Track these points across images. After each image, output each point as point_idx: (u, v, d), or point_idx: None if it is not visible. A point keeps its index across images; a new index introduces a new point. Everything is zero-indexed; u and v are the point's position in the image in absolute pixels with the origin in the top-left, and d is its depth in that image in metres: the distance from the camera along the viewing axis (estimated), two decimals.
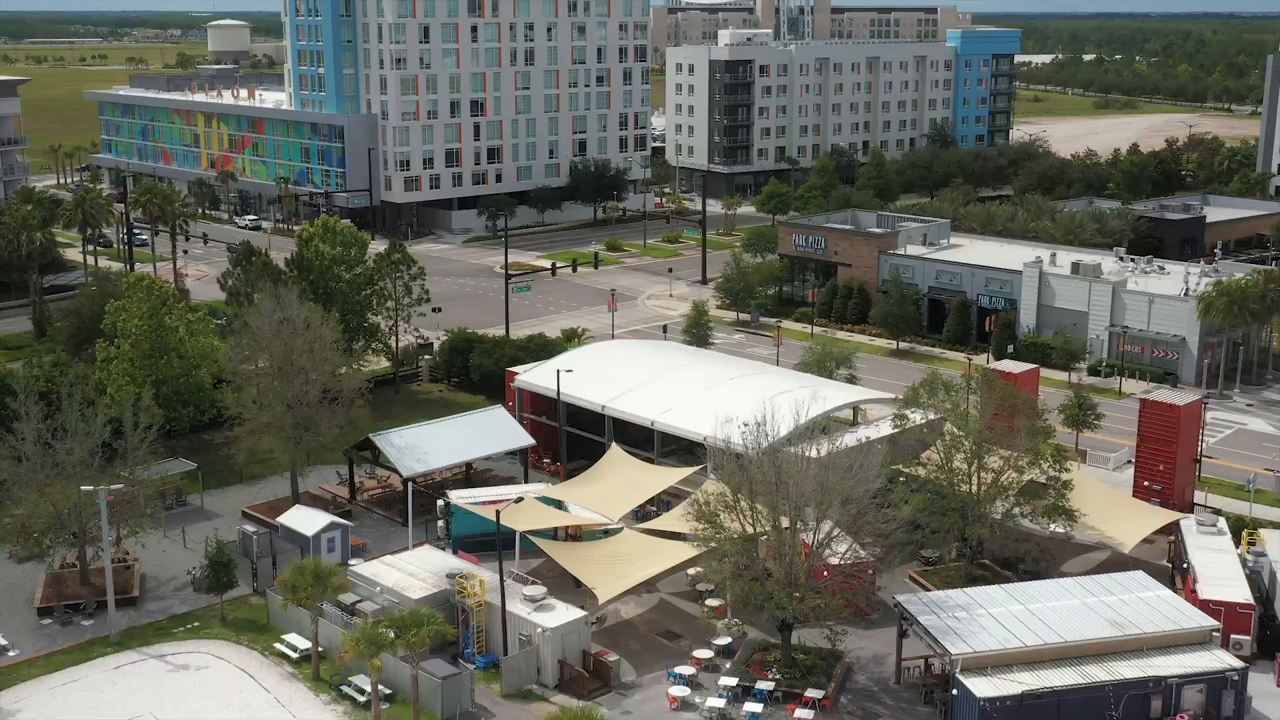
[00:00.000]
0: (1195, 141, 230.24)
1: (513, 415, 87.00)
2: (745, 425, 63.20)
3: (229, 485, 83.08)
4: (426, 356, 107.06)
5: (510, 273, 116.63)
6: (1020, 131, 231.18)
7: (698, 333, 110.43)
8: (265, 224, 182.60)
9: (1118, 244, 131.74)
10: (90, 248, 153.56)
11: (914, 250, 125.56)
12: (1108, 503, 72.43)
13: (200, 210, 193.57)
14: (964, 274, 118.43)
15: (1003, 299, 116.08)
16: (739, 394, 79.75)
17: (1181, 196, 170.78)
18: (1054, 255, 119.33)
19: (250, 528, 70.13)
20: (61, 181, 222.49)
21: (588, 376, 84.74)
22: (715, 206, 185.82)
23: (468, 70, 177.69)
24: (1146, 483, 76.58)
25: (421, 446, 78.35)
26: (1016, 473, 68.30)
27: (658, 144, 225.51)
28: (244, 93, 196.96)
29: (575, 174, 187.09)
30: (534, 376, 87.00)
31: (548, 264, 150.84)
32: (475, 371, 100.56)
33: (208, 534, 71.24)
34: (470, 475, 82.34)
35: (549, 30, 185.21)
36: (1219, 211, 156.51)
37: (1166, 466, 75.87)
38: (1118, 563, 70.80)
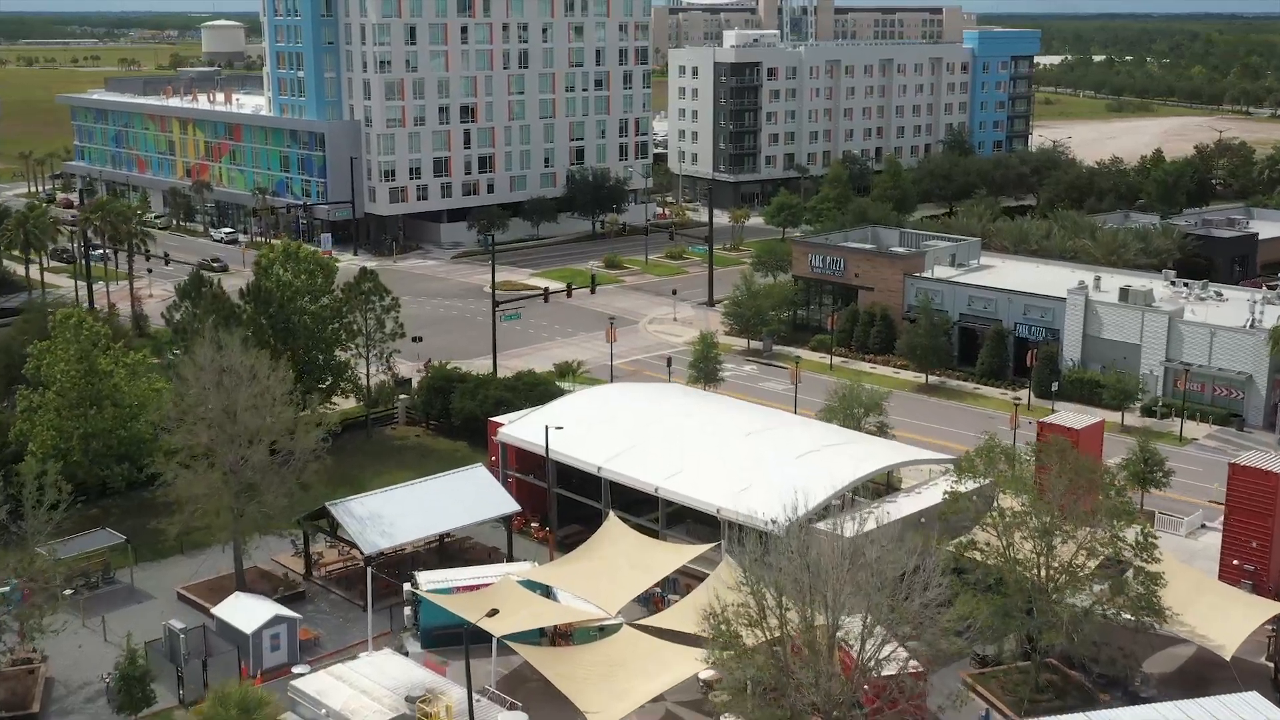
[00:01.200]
0: (1222, 147, 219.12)
1: (496, 472, 75.92)
2: (772, 522, 51.78)
3: (166, 557, 71.74)
4: (403, 396, 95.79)
5: (498, 299, 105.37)
6: (1042, 137, 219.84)
7: (705, 368, 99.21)
8: (242, 237, 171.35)
9: (1164, 265, 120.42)
10: (48, 264, 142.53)
11: (942, 272, 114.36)
12: (1194, 589, 61.13)
13: (174, 222, 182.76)
14: (1000, 300, 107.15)
15: (1043, 329, 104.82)
16: (757, 454, 68.58)
17: (1220, 209, 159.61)
18: (1098, 279, 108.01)
19: (177, 624, 58.75)
20: (32, 190, 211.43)
21: (582, 430, 73.56)
22: (721, 218, 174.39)
23: (457, 73, 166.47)
24: (1236, 562, 65.33)
25: (387, 517, 67.07)
26: (1092, 558, 57.19)
27: (659, 150, 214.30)
28: (220, 97, 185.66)
29: (572, 184, 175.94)
30: (520, 429, 75.72)
31: (541, 284, 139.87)
32: (456, 415, 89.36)
33: (128, 630, 59.87)
34: (445, 546, 71.13)
35: (544, 31, 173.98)
36: (1268, 226, 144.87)
37: (1261, 544, 64.59)
38: (1209, 661, 59.68)
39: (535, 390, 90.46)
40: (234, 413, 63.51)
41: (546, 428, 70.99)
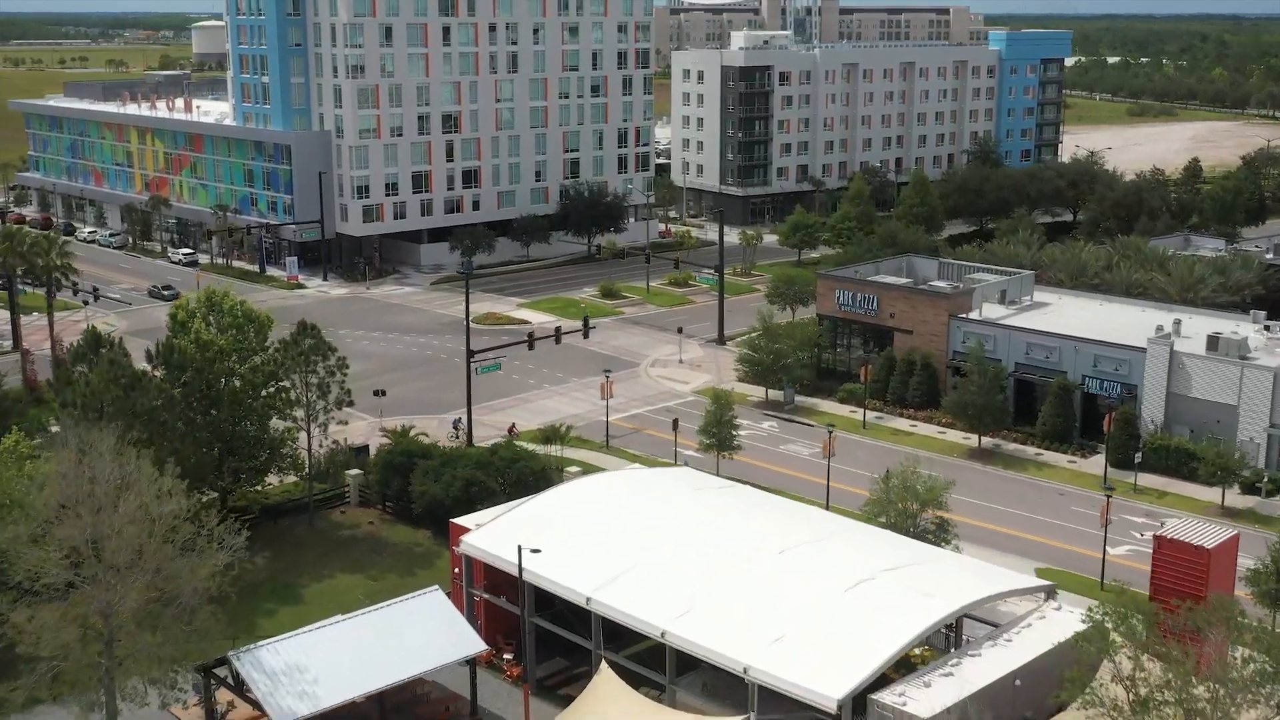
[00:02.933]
0: (1265, 155, 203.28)
1: (459, 590, 60.04)
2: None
3: (33, 709, 55.57)
4: (355, 471, 79.56)
5: (476, 347, 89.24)
6: (1079, 147, 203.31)
7: (719, 433, 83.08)
8: (203, 259, 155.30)
9: (1245, 302, 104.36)
10: None
11: (992, 312, 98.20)
12: None
13: (130, 241, 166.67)
14: (1064, 349, 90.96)
15: (1117, 384, 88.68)
16: (794, 584, 52.49)
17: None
18: (1178, 323, 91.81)
19: None
20: None
21: (567, 540, 57.48)
22: (730, 235, 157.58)
23: (439, 79, 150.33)
24: None
25: (309, 670, 51.01)
26: None
27: (661, 160, 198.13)
28: (180, 104, 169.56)
29: (566, 200, 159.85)
30: (488, 539, 59.48)
31: (528, 316, 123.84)
32: (417, 501, 73.24)
33: None
34: (386, 704, 54.90)
35: (535, 32, 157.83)
36: None
37: None
38: None
39: (514, 468, 74.47)
40: (101, 544, 47.47)
41: (520, 549, 54.83)
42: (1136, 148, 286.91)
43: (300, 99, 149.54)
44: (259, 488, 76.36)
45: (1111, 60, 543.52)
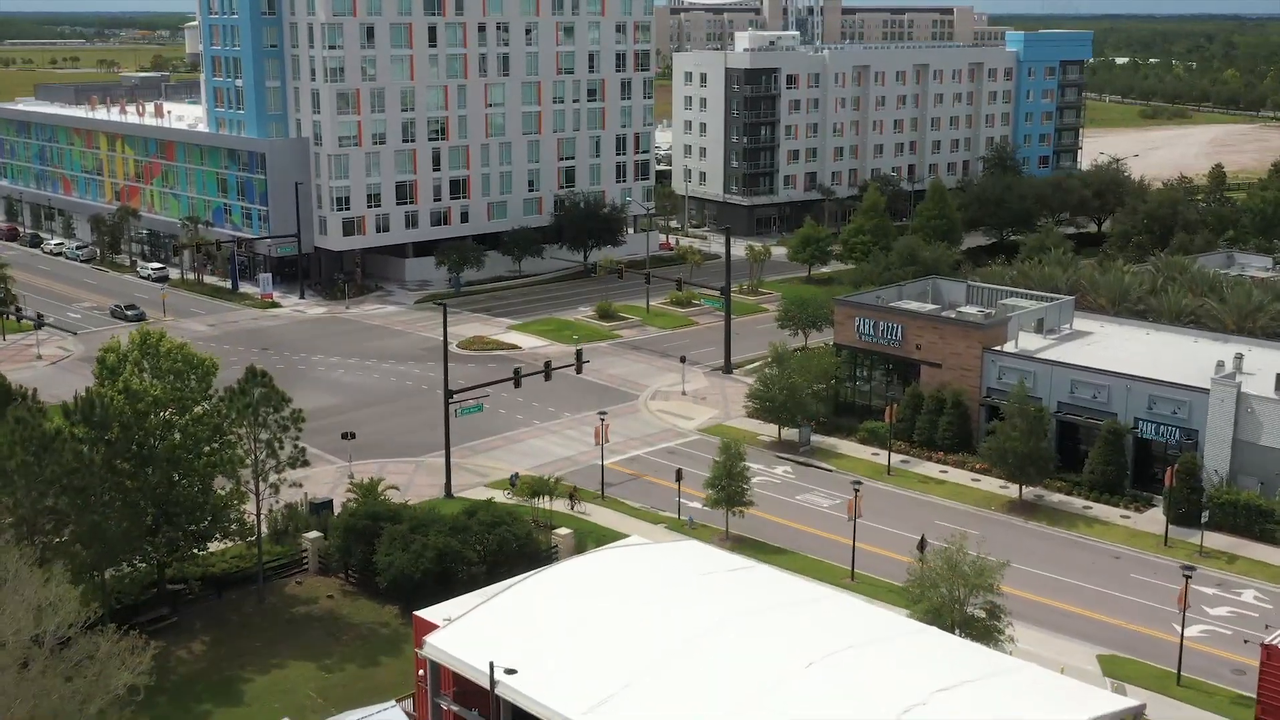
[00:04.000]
0: None
1: (424, 695, 50.39)
2: None
3: None
4: (314, 535, 69.81)
5: (452, 390, 79.53)
6: (1103, 154, 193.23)
7: (729, 488, 73.40)
8: (174, 274, 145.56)
9: None
10: None
11: (1029, 343, 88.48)
12: None
13: (99, 254, 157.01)
14: (1114, 388, 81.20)
15: (1175, 428, 78.98)
16: (824, 711, 42.79)
17: None
18: (1239, 358, 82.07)
19: None
20: None
21: (552, 645, 47.78)
22: (735, 248, 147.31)
23: (424, 83, 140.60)
24: None
25: None
26: None
27: (662, 166, 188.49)
28: (150, 108, 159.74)
29: (561, 211, 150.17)
30: (458, 641, 49.61)
31: (518, 340, 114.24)
32: (382, 575, 63.55)
33: None
34: None
35: (528, 32, 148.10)
36: None
37: None
38: None
39: (494, 533, 65.01)
40: None
41: (492, 667, 45.09)
42: (1154, 152, 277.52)
43: (276, 104, 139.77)
44: (201, 552, 66.59)
45: (1120, 61, 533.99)
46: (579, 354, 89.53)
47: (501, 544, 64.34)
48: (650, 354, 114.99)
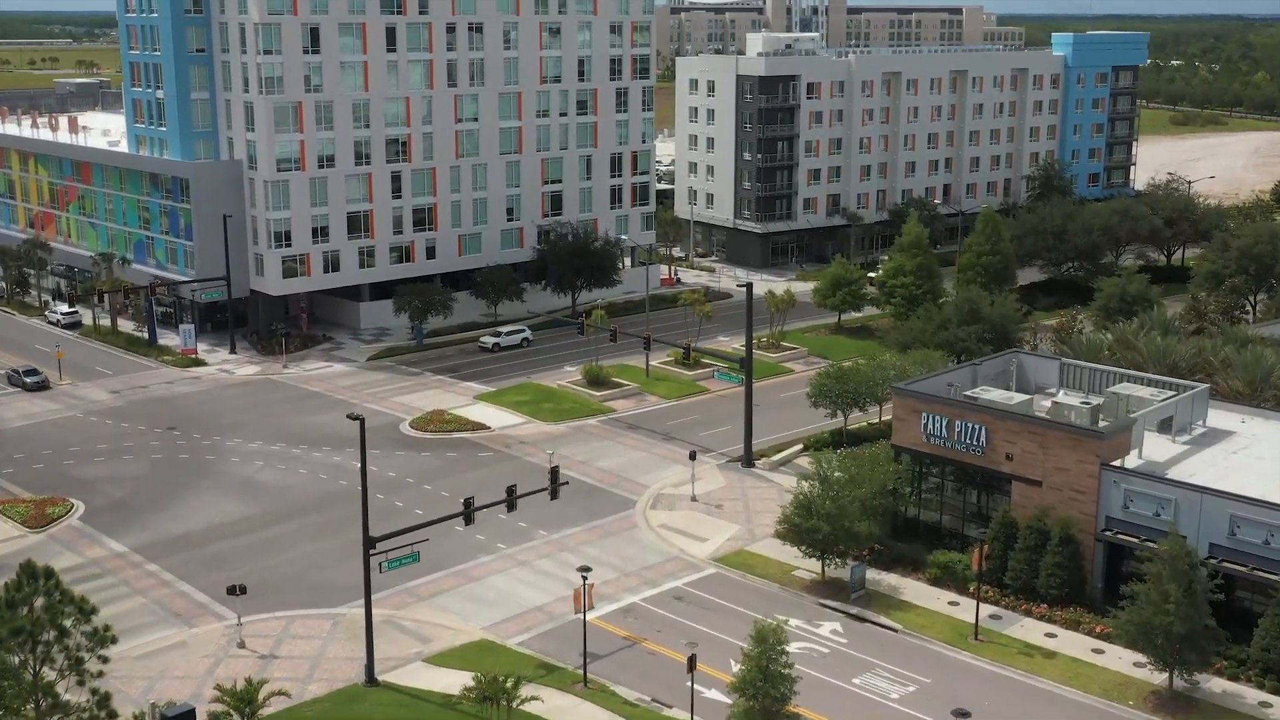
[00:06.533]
0: None
1: None
2: None
3: None
4: None
5: (374, 538, 56.80)
6: (1164, 174, 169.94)
7: (765, 692, 50.86)
8: (87, 319, 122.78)
9: None
10: None
11: (1157, 449, 65.85)
12: None
13: (5, 293, 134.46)
14: None
15: None
16: None
17: None
18: None
19: None
20: None
21: None
22: (752, 282, 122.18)
23: (381, 94, 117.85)
24: None
25: None
26: None
27: (663, 185, 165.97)
28: (64, 121, 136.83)
29: (545, 245, 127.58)
30: None
31: (483, 412, 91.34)
32: None
33: None
34: None
35: (506, 35, 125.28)
36: None
37: None
38: None
39: None
40: None
41: None
42: (1194, 162, 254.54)
43: (204, 119, 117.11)
44: None
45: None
46: (554, 471, 66.53)
47: None
48: (650, 436, 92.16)
